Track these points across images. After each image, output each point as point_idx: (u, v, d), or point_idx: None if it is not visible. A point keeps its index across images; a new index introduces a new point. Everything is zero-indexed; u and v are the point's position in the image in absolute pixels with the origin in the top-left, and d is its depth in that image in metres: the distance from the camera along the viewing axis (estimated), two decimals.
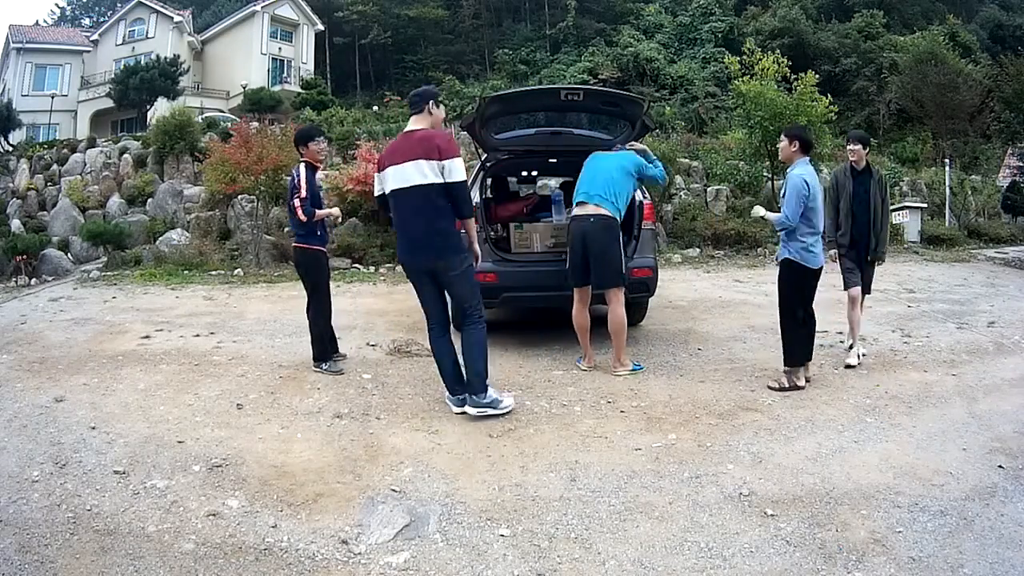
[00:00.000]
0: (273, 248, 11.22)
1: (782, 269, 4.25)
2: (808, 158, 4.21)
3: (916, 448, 3.29)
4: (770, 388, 4.16)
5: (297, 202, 4.52)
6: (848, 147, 4.90)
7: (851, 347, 4.82)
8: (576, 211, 4.60)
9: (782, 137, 4.32)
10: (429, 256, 3.69)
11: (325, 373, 4.62)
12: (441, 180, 3.56)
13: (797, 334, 4.17)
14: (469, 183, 5.67)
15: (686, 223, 12.31)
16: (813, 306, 4.24)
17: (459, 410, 3.78)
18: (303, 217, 4.54)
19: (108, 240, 11.82)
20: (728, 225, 11.89)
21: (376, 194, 3.98)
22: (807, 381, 4.24)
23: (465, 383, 3.77)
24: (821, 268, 4.23)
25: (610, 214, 4.45)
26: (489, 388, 3.74)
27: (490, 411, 3.69)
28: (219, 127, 16.65)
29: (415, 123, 3.74)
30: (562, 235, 5.61)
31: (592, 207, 4.48)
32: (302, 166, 4.62)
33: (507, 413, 3.73)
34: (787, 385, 4.14)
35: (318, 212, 4.64)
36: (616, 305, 4.46)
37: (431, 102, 3.76)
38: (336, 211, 5.19)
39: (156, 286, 9.26)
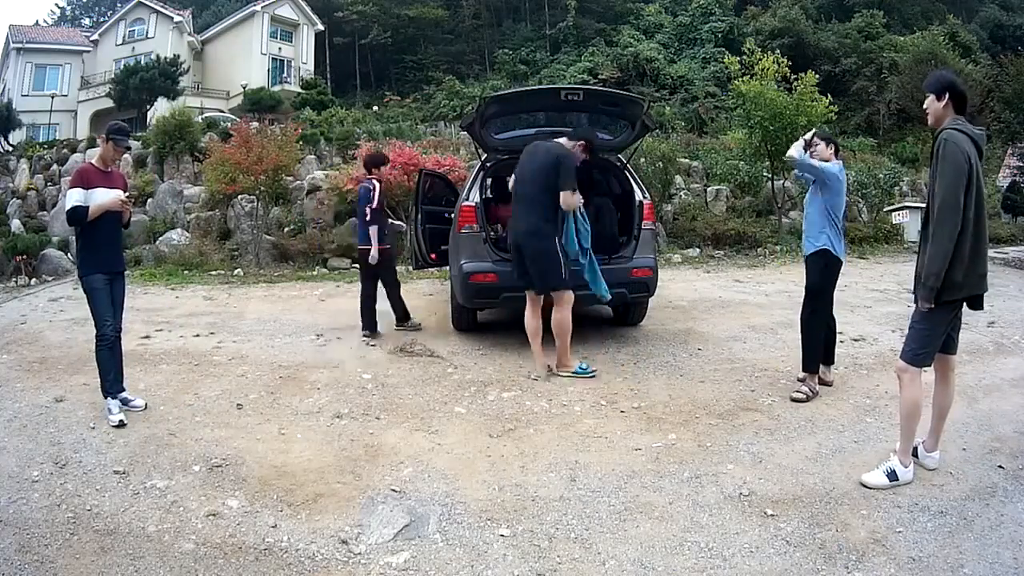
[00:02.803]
0: (273, 248, 11.22)
1: (816, 260, 4.02)
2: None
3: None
4: (795, 400, 3.90)
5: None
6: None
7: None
8: None
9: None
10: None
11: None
12: None
13: (820, 335, 4.04)
14: (469, 183, 5.71)
15: (686, 223, 12.32)
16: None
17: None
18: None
19: None
20: (728, 225, 11.90)
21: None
22: (830, 385, 4.15)
23: None
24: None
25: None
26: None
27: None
28: (219, 127, 16.65)
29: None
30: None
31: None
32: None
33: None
34: (811, 394, 3.94)
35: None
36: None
37: None
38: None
39: (156, 286, 9.27)
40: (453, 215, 5.76)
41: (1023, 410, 3.80)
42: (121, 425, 3.64)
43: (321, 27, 33.22)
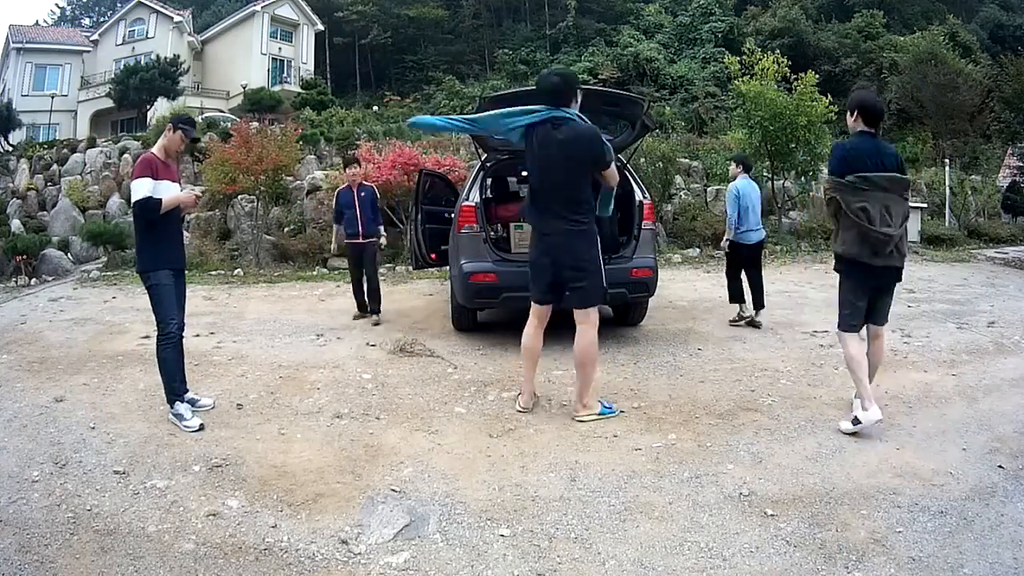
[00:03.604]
0: (273, 248, 11.23)
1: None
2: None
3: (916, 448, 3.29)
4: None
5: None
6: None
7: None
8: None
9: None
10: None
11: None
12: None
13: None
14: (469, 183, 5.71)
15: (686, 223, 12.32)
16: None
17: None
18: None
19: (108, 240, 11.83)
20: None
21: None
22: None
23: None
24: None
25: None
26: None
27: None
28: (219, 127, 16.65)
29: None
30: None
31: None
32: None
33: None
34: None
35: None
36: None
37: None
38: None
39: None
40: (453, 215, 5.76)
41: (1023, 410, 3.80)
42: (201, 428, 3.54)
43: (321, 27, 33.23)
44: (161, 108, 21.63)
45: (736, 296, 6.10)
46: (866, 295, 3.54)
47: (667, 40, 32.86)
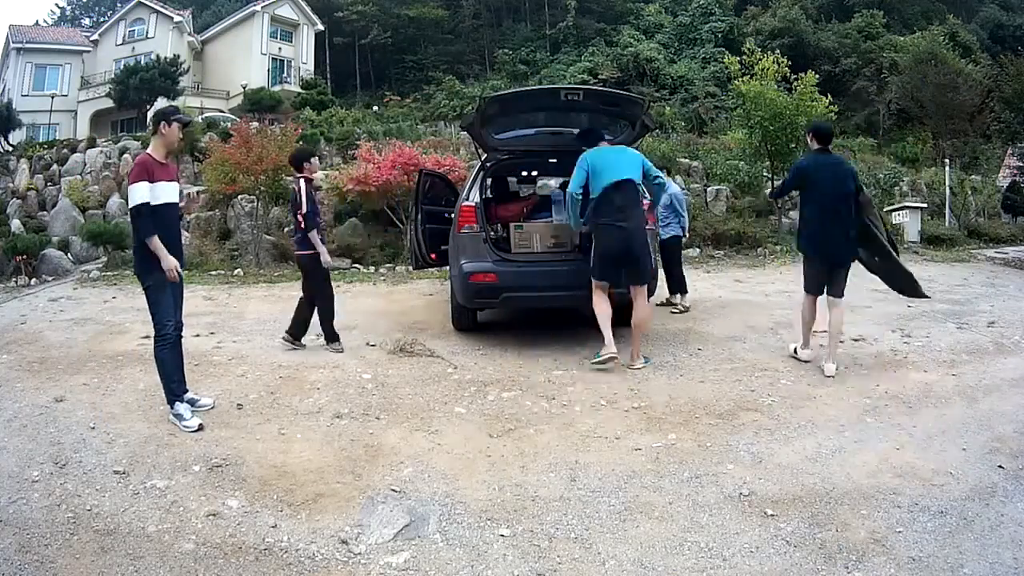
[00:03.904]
0: (273, 248, 11.22)
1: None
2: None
3: (916, 448, 3.29)
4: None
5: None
6: None
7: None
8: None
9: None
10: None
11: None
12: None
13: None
14: (469, 183, 5.71)
15: None
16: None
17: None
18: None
19: (108, 240, 11.82)
20: (728, 225, 11.89)
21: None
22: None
23: None
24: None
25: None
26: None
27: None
28: (219, 127, 16.64)
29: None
30: (562, 235, 5.61)
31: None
32: (302, 181, 5.11)
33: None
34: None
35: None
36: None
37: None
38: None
39: None
40: (453, 215, 5.76)
41: (1023, 410, 3.80)
42: (200, 429, 3.54)
43: (321, 27, 33.21)
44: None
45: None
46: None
47: (667, 40, 32.85)
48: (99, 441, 3.45)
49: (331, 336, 5.33)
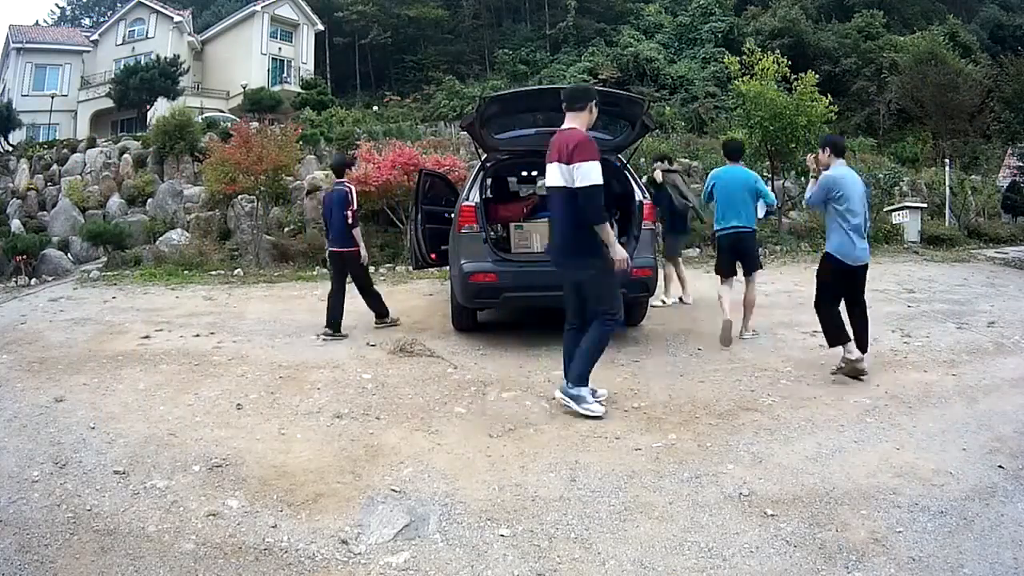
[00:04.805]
0: (273, 248, 11.23)
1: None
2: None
3: (916, 448, 3.29)
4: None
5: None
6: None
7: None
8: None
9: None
10: (560, 258, 3.83)
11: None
12: (571, 185, 3.55)
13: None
14: (469, 183, 5.71)
15: None
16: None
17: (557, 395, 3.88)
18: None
19: (108, 240, 11.83)
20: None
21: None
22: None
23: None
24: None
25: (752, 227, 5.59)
26: (582, 389, 3.75)
27: (572, 405, 3.73)
28: (219, 127, 16.65)
29: (569, 121, 3.77)
30: None
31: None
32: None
33: (589, 416, 3.67)
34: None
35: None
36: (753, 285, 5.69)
37: (592, 103, 3.77)
38: None
39: (156, 286, 9.26)
40: (453, 215, 5.76)
41: (1023, 410, 3.80)
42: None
43: (321, 27, 33.20)
44: (161, 108, 21.58)
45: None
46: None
47: (667, 40, 32.83)
48: (99, 441, 3.45)
49: (380, 315, 6.13)
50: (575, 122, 3.73)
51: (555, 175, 3.65)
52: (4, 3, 56.78)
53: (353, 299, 6.73)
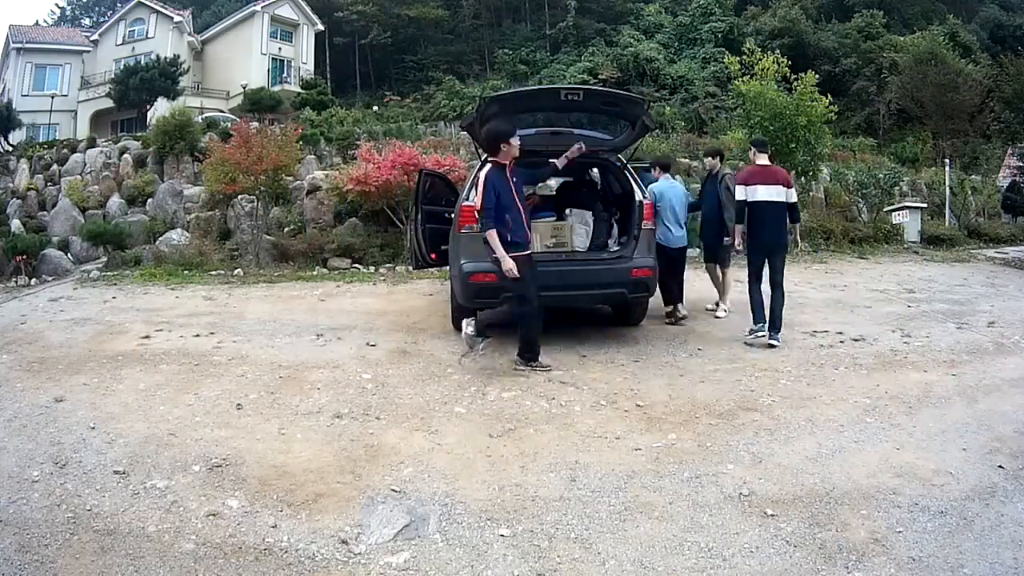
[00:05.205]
0: (273, 248, 11.21)
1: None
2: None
3: (916, 448, 3.29)
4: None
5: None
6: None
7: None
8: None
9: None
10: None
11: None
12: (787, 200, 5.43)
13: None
14: (469, 183, 5.71)
15: None
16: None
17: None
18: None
19: (108, 240, 11.82)
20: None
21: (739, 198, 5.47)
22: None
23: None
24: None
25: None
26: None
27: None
28: (219, 127, 16.63)
29: (764, 160, 5.61)
30: (561, 234, 5.60)
31: None
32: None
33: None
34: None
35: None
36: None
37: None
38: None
39: (156, 286, 9.26)
40: (453, 215, 5.76)
41: (1023, 410, 3.81)
42: None
43: (321, 27, 33.20)
44: (161, 108, 21.58)
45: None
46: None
47: (667, 40, 32.84)
48: (99, 441, 3.45)
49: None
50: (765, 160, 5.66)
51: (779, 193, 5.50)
52: (4, 3, 56.81)
53: (355, 297, 6.74)
